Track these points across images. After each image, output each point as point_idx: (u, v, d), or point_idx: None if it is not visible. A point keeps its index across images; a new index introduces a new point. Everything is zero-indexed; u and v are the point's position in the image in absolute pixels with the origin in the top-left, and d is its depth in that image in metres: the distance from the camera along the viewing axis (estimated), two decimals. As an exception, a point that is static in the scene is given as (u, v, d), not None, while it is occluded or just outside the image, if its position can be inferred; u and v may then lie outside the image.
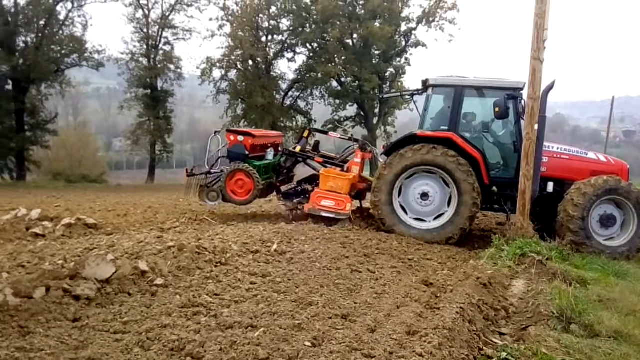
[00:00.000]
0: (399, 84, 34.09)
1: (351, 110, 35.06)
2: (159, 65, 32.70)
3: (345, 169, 10.04)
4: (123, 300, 4.41)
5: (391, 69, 33.62)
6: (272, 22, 33.36)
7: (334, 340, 3.74)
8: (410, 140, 9.08)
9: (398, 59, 33.85)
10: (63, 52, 31.53)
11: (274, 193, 11.03)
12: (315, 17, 31.89)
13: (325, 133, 11.68)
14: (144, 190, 23.96)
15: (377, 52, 33.14)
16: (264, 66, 32.85)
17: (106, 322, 3.89)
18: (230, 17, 32.74)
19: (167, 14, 33.09)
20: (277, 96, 33.71)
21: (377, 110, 34.56)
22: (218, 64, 32.83)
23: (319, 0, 30.98)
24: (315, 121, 33.33)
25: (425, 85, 9.60)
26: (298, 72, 34.24)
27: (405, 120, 35.92)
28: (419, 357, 3.47)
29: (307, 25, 32.66)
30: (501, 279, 6.20)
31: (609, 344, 4.27)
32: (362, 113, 34.32)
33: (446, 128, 8.99)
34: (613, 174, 8.62)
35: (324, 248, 6.96)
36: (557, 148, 9.21)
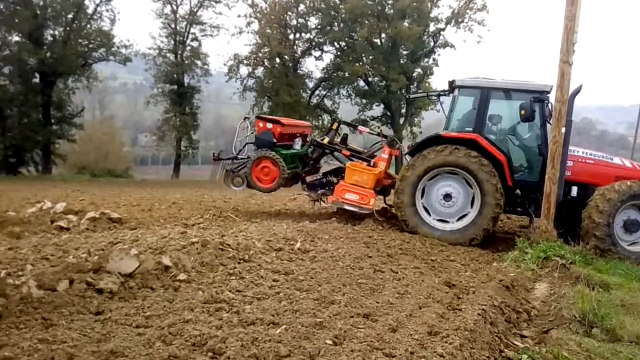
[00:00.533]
0: (427, 84, 33.84)
1: (378, 110, 34.94)
2: (186, 61, 32.97)
3: (371, 163, 9.97)
4: (146, 294, 4.42)
5: (419, 70, 33.38)
6: (300, 20, 33.40)
7: (355, 339, 3.72)
8: (435, 141, 9.00)
9: (426, 60, 33.62)
10: (90, 46, 31.84)
11: (299, 184, 10.98)
12: (343, 15, 31.83)
13: (355, 127, 11.65)
14: (168, 185, 24.24)
15: (405, 52, 32.99)
16: (291, 64, 32.91)
17: (128, 316, 3.89)
18: (258, 14, 32.87)
19: (195, 10, 33.36)
20: (304, 94, 33.77)
21: (403, 111, 34.36)
22: (245, 61, 33.00)
23: (348, -1, 30.92)
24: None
25: (452, 86, 9.53)
26: (325, 70, 34.23)
27: (431, 120, 35.65)
28: (440, 357, 3.46)
29: (335, 23, 32.63)
30: (524, 282, 6.19)
31: (631, 348, 4.24)
32: (388, 113, 34.16)
33: (471, 129, 8.94)
34: (638, 179, 8.49)
35: (347, 247, 6.93)
36: (583, 152, 9.09)
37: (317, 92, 34.98)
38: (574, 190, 8.74)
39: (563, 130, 7.97)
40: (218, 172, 10.62)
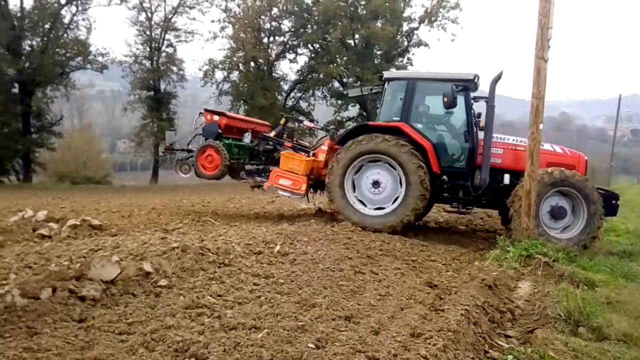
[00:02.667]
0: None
1: (353, 110, 35.09)
2: (162, 68, 32.95)
3: (311, 154, 10.40)
4: (128, 301, 4.43)
5: (393, 69, 33.65)
6: (273, 24, 33.54)
7: (338, 342, 3.74)
8: (362, 130, 9.37)
9: (400, 59, 33.90)
10: (68, 55, 31.91)
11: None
12: (316, 17, 31.99)
13: (300, 122, 12.30)
14: (147, 191, 24.05)
15: (379, 52, 33.22)
16: (265, 67, 33.00)
17: (111, 323, 3.91)
18: (232, 19, 32.92)
19: (170, 16, 33.40)
20: (279, 97, 33.84)
21: (378, 111, 34.57)
22: (220, 66, 33.04)
23: (321, 1, 31.04)
24: (317, 121, 33.37)
25: (382, 79, 9.96)
26: (300, 73, 34.39)
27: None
28: (424, 359, 3.46)
29: (309, 26, 32.78)
30: (507, 281, 6.14)
31: (618, 347, 4.20)
32: (364, 113, 34.35)
33: (398, 119, 9.26)
34: (569, 165, 8.77)
35: (327, 249, 6.96)
36: (513, 140, 9.37)
37: (292, 94, 35.13)
38: (506, 178, 9.00)
39: (541, 126, 8.01)
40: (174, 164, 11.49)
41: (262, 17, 32.92)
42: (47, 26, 30.55)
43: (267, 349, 3.48)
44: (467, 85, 9.14)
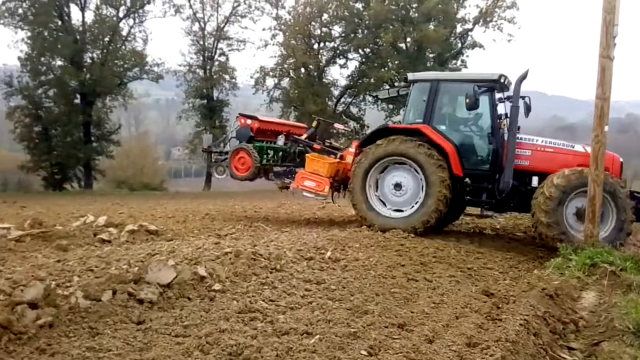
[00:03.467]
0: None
1: (406, 114, 34.65)
2: (215, 76, 33.71)
3: (338, 156, 10.53)
4: (183, 304, 4.53)
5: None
6: (324, 30, 33.65)
7: (391, 349, 3.67)
8: (384, 133, 9.33)
9: (454, 61, 33.22)
10: (125, 66, 33.21)
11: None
12: (367, 22, 31.82)
13: (332, 124, 12.58)
14: (201, 197, 24.64)
15: (431, 55, 32.69)
16: (316, 73, 33.14)
17: (168, 326, 4.00)
18: (282, 27, 33.26)
19: (222, 25, 34.11)
20: (330, 103, 33.85)
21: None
22: (271, 73, 33.43)
23: (371, 5, 30.87)
24: (367, 127, 33.28)
25: (407, 81, 9.89)
26: (350, 78, 34.30)
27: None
28: None
29: (359, 30, 32.65)
30: (569, 290, 5.87)
31: None
32: (417, 117, 33.90)
33: (421, 121, 9.18)
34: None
35: (379, 256, 6.91)
36: (542, 141, 9.03)
37: (342, 99, 35.03)
38: (535, 181, 8.69)
39: (606, 128, 7.59)
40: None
41: (313, 23, 33.15)
42: (106, 39, 31.99)
43: (320, 355, 3.46)
44: (491, 85, 8.97)
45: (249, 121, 11.29)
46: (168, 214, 12.92)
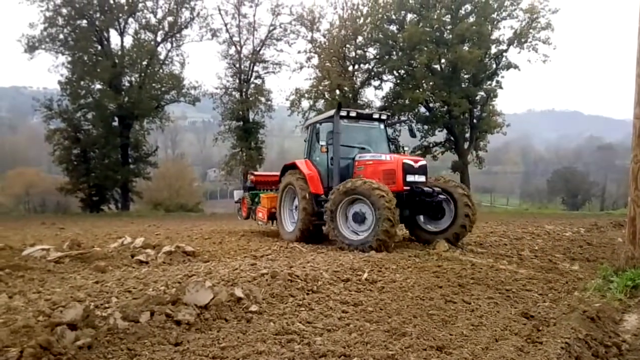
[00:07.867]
0: (491, 107, 33.13)
1: (440, 135, 34.47)
2: (251, 98, 34.15)
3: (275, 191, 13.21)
4: (220, 325, 4.54)
5: (482, 93, 32.83)
6: (358, 52, 33.90)
7: (430, 372, 3.61)
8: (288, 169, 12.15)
9: (489, 82, 33.02)
10: (163, 89, 34.02)
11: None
12: (401, 44, 31.94)
13: None
14: (237, 218, 24.80)
15: (466, 76, 32.61)
16: (351, 95, 33.29)
17: (205, 347, 4.00)
18: (317, 49, 33.62)
19: (258, 49, 34.64)
20: (365, 124, 33.80)
21: (467, 135, 33.71)
22: (306, 95, 33.73)
23: (406, 28, 31.00)
24: (403, 147, 33.07)
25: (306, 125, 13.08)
26: (385, 99, 34.35)
27: (497, 144, 34.76)
28: None
29: (394, 52, 32.78)
30: (611, 313, 5.68)
31: None
32: (452, 138, 33.63)
33: (306, 156, 11.88)
34: None
35: (416, 277, 6.82)
36: (369, 156, 11.12)
37: (378, 121, 34.91)
38: None
39: None
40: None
41: (347, 45, 33.44)
42: (144, 63, 32.94)
43: (358, 378, 3.41)
44: (329, 120, 11.32)
45: (251, 176, 15.16)
46: (204, 235, 13.08)
